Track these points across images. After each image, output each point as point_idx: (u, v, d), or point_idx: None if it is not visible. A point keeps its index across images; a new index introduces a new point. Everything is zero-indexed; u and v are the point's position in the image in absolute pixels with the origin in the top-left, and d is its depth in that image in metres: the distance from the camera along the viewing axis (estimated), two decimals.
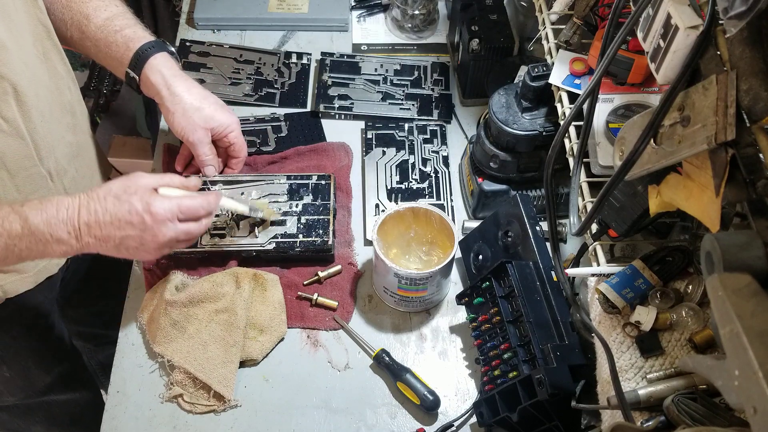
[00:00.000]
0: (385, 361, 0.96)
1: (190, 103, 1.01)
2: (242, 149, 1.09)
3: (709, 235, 0.55)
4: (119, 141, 2.01)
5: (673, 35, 0.63)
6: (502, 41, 1.15)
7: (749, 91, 0.53)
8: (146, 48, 1.00)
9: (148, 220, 0.84)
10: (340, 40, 1.37)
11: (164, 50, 1.02)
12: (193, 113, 1.01)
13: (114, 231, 0.84)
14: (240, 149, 1.08)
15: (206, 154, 1.04)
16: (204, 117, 1.02)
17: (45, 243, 0.81)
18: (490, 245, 0.99)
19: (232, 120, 1.06)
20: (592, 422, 0.81)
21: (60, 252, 0.83)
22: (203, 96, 1.04)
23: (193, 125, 1.01)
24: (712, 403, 0.62)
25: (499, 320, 0.89)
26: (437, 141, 1.19)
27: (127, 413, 0.93)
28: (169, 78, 1.01)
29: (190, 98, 1.02)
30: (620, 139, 0.71)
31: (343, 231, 1.09)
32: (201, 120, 1.02)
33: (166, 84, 1.00)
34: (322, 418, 0.94)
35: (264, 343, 0.97)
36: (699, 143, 0.57)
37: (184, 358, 0.94)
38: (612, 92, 0.90)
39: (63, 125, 0.99)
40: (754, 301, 0.48)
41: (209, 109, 1.03)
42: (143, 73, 1.00)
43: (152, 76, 1.00)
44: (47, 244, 0.81)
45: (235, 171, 1.10)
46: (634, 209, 0.76)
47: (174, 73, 1.02)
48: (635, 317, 0.74)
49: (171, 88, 1.00)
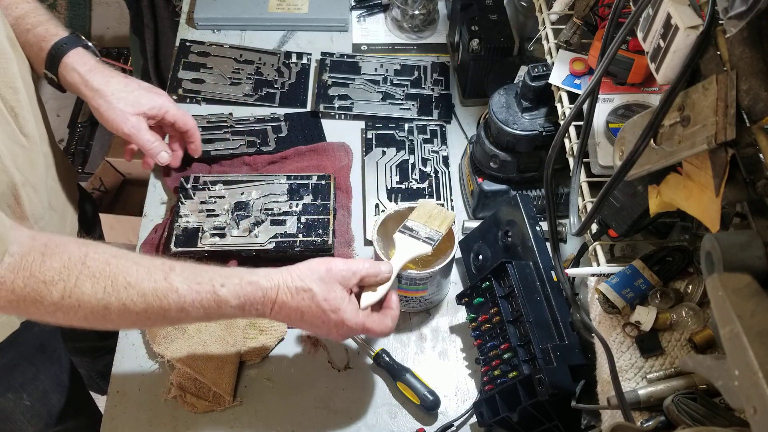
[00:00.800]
0: (385, 360, 0.96)
1: (112, 94, 0.96)
2: (186, 122, 1.04)
3: (709, 235, 0.55)
4: (119, 141, 2.01)
5: (673, 35, 0.63)
6: (502, 41, 1.15)
7: (749, 91, 0.53)
8: (59, 45, 0.95)
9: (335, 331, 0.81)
10: (340, 40, 1.37)
11: (78, 45, 0.97)
12: (118, 103, 0.96)
13: (298, 323, 0.80)
14: (184, 122, 1.04)
15: (150, 141, 0.99)
16: (131, 103, 0.97)
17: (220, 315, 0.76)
18: (490, 245, 0.99)
19: (163, 99, 1.01)
20: (592, 422, 0.81)
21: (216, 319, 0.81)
22: (124, 84, 0.99)
23: (123, 115, 0.96)
24: (712, 403, 0.62)
25: (499, 320, 0.89)
26: (437, 141, 1.19)
27: (127, 413, 0.93)
28: (86, 74, 0.96)
29: (110, 89, 0.96)
30: (620, 139, 0.71)
31: (343, 231, 1.09)
32: (128, 107, 0.97)
33: (84, 81, 0.95)
34: (322, 418, 0.94)
35: (264, 343, 0.97)
36: (699, 143, 0.57)
37: (184, 358, 0.94)
38: (612, 92, 0.90)
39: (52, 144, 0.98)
40: (754, 301, 0.48)
41: (134, 95, 0.98)
42: (59, 73, 0.95)
43: (68, 76, 0.95)
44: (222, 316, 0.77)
45: (198, 151, 1.07)
46: (634, 209, 0.76)
47: (89, 68, 0.96)
48: (635, 317, 0.74)
49: (89, 85, 0.95)
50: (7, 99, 0.81)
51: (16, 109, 0.83)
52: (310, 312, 0.78)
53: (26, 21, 0.95)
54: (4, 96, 0.81)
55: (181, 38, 1.33)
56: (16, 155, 0.84)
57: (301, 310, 0.78)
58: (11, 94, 0.82)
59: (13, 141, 0.84)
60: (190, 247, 1.02)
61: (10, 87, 0.82)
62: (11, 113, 0.82)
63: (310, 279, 0.78)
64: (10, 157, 0.83)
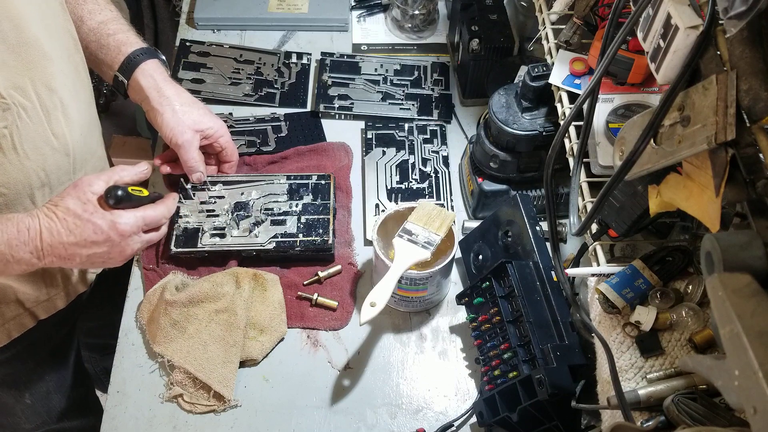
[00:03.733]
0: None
1: (181, 105, 1.00)
2: (233, 154, 1.08)
3: (709, 235, 0.55)
4: (119, 141, 2.01)
5: (673, 35, 0.63)
6: (502, 41, 1.15)
7: (749, 91, 0.53)
8: (138, 54, 0.99)
9: (115, 237, 0.85)
10: (340, 40, 1.37)
11: (156, 57, 1.02)
12: (183, 115, 1.00)
13: (79, 250, 0.84)
14: (231, 154, 1.08)
15: (194, 159, 1.02)
16: (194, 119, 1.01)
17: (5, 263, 0.80)
18: (490, 245, 0.99)
19: (221, 125, 1.05)
20: (592, 422, 0.81)
21: (20, 270, 0.83)
22: (192, 101, 1.03)
23: (183, 126, 0.99)
24: (712, 403, 0.62)
25: (499, 320, 0.89)
26: (437, 141, 1.19)
27: (127, 413, 0.93)
28: (160, 82, 1.00)
29: (180, 101, 1.01)
30: (620, 139, 0.71)
31: (343, 231, 1.09)
32: (191, 122, 1.00)
33: (157, 87, 0.99)
34: (322, 418, 0.94)
35: (264, 343, 0.97)
36: (699, 143, 0.57)
37: (184, 358, 0.94)
38: (612, 92, 0.90)
39: (95, 139, 0.99)
40: (754, 301, 0.48)
41: (198, 112, 1.02)
42: (133, 76, 0.99)
43: (143, 79, 0.99)
44: (8, 264, 0.81)
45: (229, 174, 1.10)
46: (634, 209, 0.76)
47: (165, 78, 1.02)
48: (635, 317, 0.74)
49: (162, 92, 1.00)
50: (43, 98, 0.83)
51: (50, 109, 0.84)
52: (78, 228, 0.82)
53: (108, 27, 1.00)
54: (40, 94, 0.83)
55: (181, 38, 1.33)
56: (45, 156, 0.86)
57: (69, 229, 0.82)
58: (47, 94, 0.84)
59: (44, 141, 0.85)
60: (190, 247, 1.02)
61: (47, 87, 0.83)
62: (45, 113, 0.84)
63: (60, 198, 0.84)
64: (36, 159, 0.85)
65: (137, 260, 1.06)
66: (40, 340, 1.04)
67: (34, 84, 0.82)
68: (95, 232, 0.84)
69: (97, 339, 1.36)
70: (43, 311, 0.99)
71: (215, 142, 1.05)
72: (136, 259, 1.06)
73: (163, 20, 1.77)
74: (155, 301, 1.00)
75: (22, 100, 0.81)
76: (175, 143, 1.00)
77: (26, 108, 0.82)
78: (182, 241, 1.02)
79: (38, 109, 0.83)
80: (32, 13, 0.80)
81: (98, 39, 0.99)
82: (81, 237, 0.83)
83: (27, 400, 1.11)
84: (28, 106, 0.82)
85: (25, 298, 0.95)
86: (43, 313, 0.99)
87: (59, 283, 0.99)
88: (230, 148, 1.07)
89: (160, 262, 1.04)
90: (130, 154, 1.95)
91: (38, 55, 0.82)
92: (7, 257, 0.80)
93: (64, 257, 0.84)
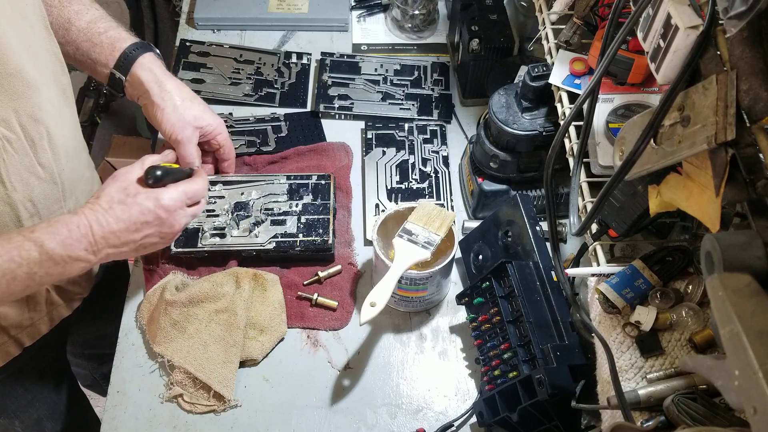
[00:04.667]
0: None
1: (182, 100, 1.00)
2: (231, 152, 1.08)
3: (709, 235, 0.55)
4: (119, 141, 2.01)
5: (673, 35, 0.63)
6: (502, 41, 1.15)
7: (749, 91, 0.53)
8: (133, 48, 0.98)
9: (162, 213, 0.86)
10: (340, 40, 1.37)
11: (151, 50, 1.01)
12: (184, 111, 0.99)
13: (131, 235, 0.84)
14: (229, 152, 1.08)
15: (192, 155, 1.01)
16: (194, 115, 1.00)
17: (63, 264, 0.80)
18: (490, 245, 0.99)
19: (220, 122, 1.05)
20: (592, 422, 0.81)
21: (78, 270, 0.83)
22: (192, 96, 1.02)
23: (183, 122, 0.99)
24: (712, 403, 0.62)
25: (499, 320, 0.89)
26: (437, 141, 1.19)
27: (127, 413, 0.93)
28: (160, 75, 0.99)
29: (180, 95, 1.00)
30: (620, 139, 0.71)
31: (343, 231, 1.09)
32: (191, 118, 1.00)
33: (157, 81, 0.98)
34: (322, 418, 0.94)
35: (264, 343, 0.97)
36: (699, 143, 0.57)
37: (184, 358, 0.94)
38: (612, 92, 0.90)
39: (82, 162, 0.98)
40: (754, 301, 0.48)
41: (198, 108, 1.01)
42: (132, 72, 0.98)
43: (143, 73, 0.98)
44: (65, 265, 0.80)
45: (228, 173, 1.09)
46: (634, 209, 0.76)
47: (164, 71, 1.00)
48: (635, 317, 0.74)
49: (162, 85, 0.99)
50: (28, 129, 0.82)
51: (35, 140, 0.84)
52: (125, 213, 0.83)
53: (98, 25, 0.98)
54: (25, 126, 0.82)
55: (181, 38, 1.33)
56: (32, 187, 0.85)
57: (116, 217, 0.83)
58: (32, 125, 0.83)
59: (30, 172, 0.85)
60: (190, 247, 1.02)
61: (32, 117, 0.82)
62: (30, 143, 0.83)
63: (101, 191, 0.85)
64: (23, 190, 0.84)
65: (137, 260, 1.06)
66: (27, 366, 1.03)
67: (18, 115, 0.80)
68: (142, 212, 0.84)
69: (93, 349, 1.35)
70: (28, 337, 0.97)
71: (213, 139, 1.04)
72: (136, 260, 1.06)
73: (163, 20, 1.77)
74: (155, 301, 1.00)
75: (6, 133, 0.79)
76: (175, 139, 1.00)
77: (10, 140, 0.80)
78: (182, 241, 1.02)
79: (23, 140, 0.82)
80: (16, 41, 0.79)
81: (90, 38, 0.97)
82: (130, 221, 0.84)
83: (17, 428, 1.09)
84: (13, 138, 0.80)
85: (9, 324, 0.94)
86: (27, 339, 0.97)
87: (42, 308, 0.98)
88: (227, 146, 1.07)
89: (160, 262, 1.04)
90: (130, 154, 1.95)
91: (22, 85, 0.80)
92: (64, 258, 0.79)
93: (118, 245, 0.84)
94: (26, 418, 1.10)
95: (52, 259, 0.78)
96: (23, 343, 0.97)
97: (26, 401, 1.08)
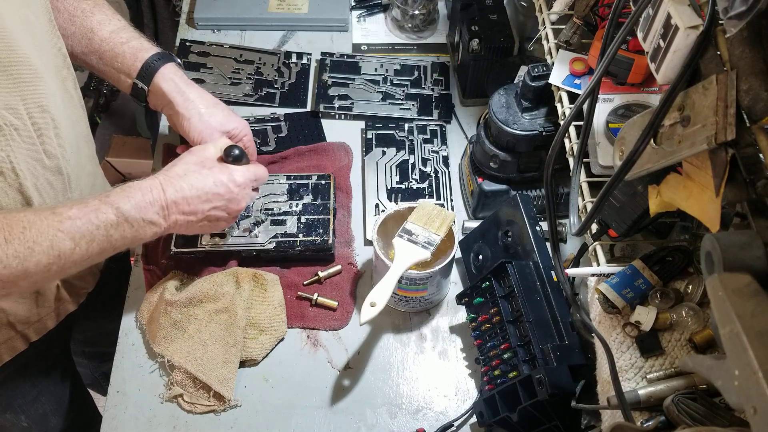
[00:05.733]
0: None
1: (206, 108, 1.01)
2: (254, 152, 1.09)
3: (709, 235, 0.55)
4: (119, 141, 2.01)
5: (673, 35, 0.63)
6: (502, 41, 1.15)
7: (749, 91, 0.53)
8: (155, 59, 0.99)
9: (234, 188, 0.90)
10: (340, 40, 1.37)
11: (172, 61, 1.02)
12: (209, 118, 1.01)
13: (202, 205, 0.87)
14: (253, 152, 1.08)
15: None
16: (219, 121, 1.02)
17: (138, 228, 0.82)
18: (490, 245, 0.99)
19: (245, 124, 1.06)
20: (592, 422, 0.81)
21: (151, 234, 0.85)
22: (215, 102, 1.04)
23: (210, 129, 1.00)
24: (712, 403, 0.62)
25: (499, 320, 0.89)
26: (437, 141, 1.19)
27: (127, 413, 0.93)
28: (182, 85, 1.01)
29: (204, 103, 1.01)
30: (620, 139, 0.71)
31: (343, 231, 1.09)
32: (217, 124, 1.01)
33: (180, 91, 1.00)
34: (322, 418, 0.94)
35: (264, 343, 0.97)
36: (699, 143, 0.57)
37: (184, 358, 0.94)
38: (612, 92, 0.90)
39: (84, 156, 0.98)
40: (754, 301, 0.48)
41: (223, 113, 1.03)
42: (154, 82, 0.99)
43: (164, 84, 0.99)
44: (140, 229, 0.83)
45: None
46: (634, 209, 0.76)
47: (186, 81, 1.02)
48: (635, 317, 0.74)
49: (185, 95, 1.00)
50: (35, 118, 0.83)
51: (42, 128, 0.84)
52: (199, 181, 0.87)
53: (120, 35, 1.00)
54: (32, 115, 0.82)
55: (181, 38, 1.33)
56: (37, 175, 0.86)
57: (191, 183, 0.86)
58: (38, 113, 0.83)
59: (36, 161, 0.85)
60: (190, 247, 1.02)
61: (38, 106, 0.83)
62: (37, 132, 0.84)
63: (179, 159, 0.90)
64: (30, 178, 0.84)
65: (137, 260, 1.06)
66: (33, 361, 1.03)
67: (26, 103, 0.80)
68: (215, 184, 0.88)
69: (94, 347, 1.36)
70: (35, 333, 0.98)
71: (239, 141, 1.05)
72: (136, 259, 1.06)
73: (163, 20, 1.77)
74: (155, 301, 1.00)
75: (14, 120, 0.79)
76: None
77: (18, 128, 0.80)
78: (182, 241, 1.02)
79: (30, 128, 0.82)
80: (21, 31, 0.79)
81: (112, 48, 0.99)
82: (203, 190, 0.87)
83: (23, 423, 1.09)
84: (20, 126, 0.80)
85: (17, 320, 0.94)
86: (34, 334, 0.98)
87: (50, 303, 0.98)
88: (251, 147, 1.08)
89: (160, 262, 1.04)
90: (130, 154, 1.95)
91: (29, 73, 0.80)
92: (138, 221, 0.82)
93: (187, 213, 0.86)
94: (32, 412, 1.10)
95: (128, 221, 0.81)
96: (30, 338, 0.98)
97: (32, 396, 1.08)
